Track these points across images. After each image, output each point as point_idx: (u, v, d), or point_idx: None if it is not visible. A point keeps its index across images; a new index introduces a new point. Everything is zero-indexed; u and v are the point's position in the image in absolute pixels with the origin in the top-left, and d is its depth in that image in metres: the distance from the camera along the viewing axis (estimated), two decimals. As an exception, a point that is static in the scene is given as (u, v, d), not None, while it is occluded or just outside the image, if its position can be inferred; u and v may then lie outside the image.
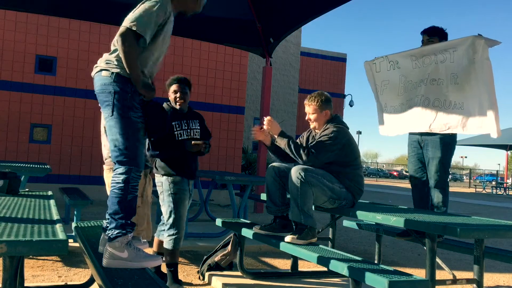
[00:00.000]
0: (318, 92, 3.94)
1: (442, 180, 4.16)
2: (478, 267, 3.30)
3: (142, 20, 2.65)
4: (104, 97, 2.69)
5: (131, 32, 2.63)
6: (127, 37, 2.63)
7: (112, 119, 2.66)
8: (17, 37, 10.37)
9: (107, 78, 2.68)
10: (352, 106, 27.77)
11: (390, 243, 6.75)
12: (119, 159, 2.66)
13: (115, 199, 2.64)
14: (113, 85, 2.67)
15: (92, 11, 7.87)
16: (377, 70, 4.79)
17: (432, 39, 4.31)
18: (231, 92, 12.16)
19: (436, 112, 4.16)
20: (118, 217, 2.63)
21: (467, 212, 12.13)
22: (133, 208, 2.70)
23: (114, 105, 2.65)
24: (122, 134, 2.65)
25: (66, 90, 10.70)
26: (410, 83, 4.44)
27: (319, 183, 3.54)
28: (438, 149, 4.15)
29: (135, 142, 2.69)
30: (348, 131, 3.85)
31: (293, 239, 3.45)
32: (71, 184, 9.71)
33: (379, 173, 58.32)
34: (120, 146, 2.65)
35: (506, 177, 36.77)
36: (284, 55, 19.89)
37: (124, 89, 2.68)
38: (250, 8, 8.27)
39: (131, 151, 2.66)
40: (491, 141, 25.63)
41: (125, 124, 2.66)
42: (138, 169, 2.70)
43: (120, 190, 2.63)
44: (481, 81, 3.81)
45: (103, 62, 2.75)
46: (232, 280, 4.16)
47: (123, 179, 2.64)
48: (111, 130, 2.68)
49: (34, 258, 4.71)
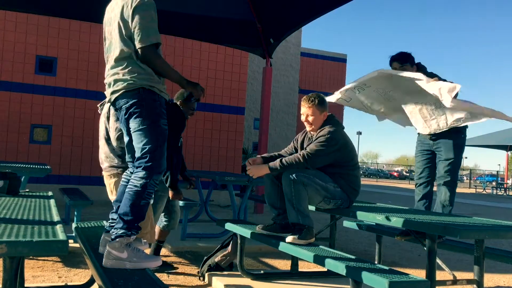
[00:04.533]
0: (314, 94, 3.90)
1: (452, 180, 4.20)
2: (479, 268, 3.30)
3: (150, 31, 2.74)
4: (134, 109, 2.76)
5: (151, 48, 2.74)
6: (150, 53, 2.74)
7: (144, 128, 2.72)
8: (17, 37, 10.37)
9: (134, 94, 2.75)
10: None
11: (390, 244, 6.75)
12: (144, 165, 2.70)
13: (129, 201, 2.67)
14: (142, 97, 2.75)
15: (92, 12, 7.88)
16: (347, 100, 4.53)
17: (404, 66, 4.21)
18: (231, 93, 12.15)
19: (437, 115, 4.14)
20: (127, 219, 2.66)
21: (468, 212, 12.13)
22: (143, 213, 2.74)
23: (146, 115, 2.73)
24: (153, 142, 2.71)
25: (66, 91, 10.70)
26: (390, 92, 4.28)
27: (312, 183, 3.54)
28: (451, 151, 4.17)
29: (163, 150, 2.77)
30: (344, 131, 3.83)
31: (294, 239, 3.46)
32: (71, 185, 9.71)
33: (379, 173, 58.31)
34: (149, 154, 2.70)
35: (506, 178, 36.75)
36: (284, 56, 19.89)
37: (153, 98, 2.77)
38: (250, 9, 8.27)
39: (158, 159, 2.73)
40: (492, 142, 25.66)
41: (157, 132, 2.74)
42: (158, 177, 2.75)
43: (135, 194, 2.67)
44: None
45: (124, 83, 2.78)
46: (232, 280, 4.16)
47: (142, 184, 2.67)
48: (139, 139, 2.73)
49: (34, 259, 4.71)
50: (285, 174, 3.54)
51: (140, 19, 2.73)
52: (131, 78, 2.76)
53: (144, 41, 2.71)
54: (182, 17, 8.10)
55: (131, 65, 2.78)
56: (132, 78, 2.76)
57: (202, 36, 9.46)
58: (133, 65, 2.79)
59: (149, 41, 2.71)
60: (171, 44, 11.17)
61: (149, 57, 2.74)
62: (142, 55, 2.73)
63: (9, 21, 10.27)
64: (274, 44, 8.89)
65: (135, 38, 2.74)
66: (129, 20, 2.76)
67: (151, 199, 2.77)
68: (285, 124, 19.93)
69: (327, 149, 3.62)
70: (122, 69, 2.80)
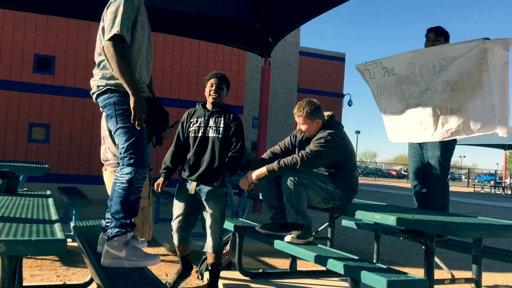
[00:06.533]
0: (306, 101, 3.80)
1: (441, 180, 4.16)
2: (477, 267, 3.30)
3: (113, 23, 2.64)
4: (107, 110, 2.75)
5: (111, 41, 2.62)
6: (108, 48, 2.63)
7: (120, 128, 2.71)
8: (15, 36, 10.35)
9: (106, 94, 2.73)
10: (351, 105, 27.82)
11: (389, 243, 6.76)
12: (127, 162, 2.70)
13: (118, 199, 2.66)
14: (111, 97, 2.72)
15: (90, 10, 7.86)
16: (372, 77, 4.66)
17: (438, 38, 4.29)
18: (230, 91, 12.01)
19: (436, 121, 4.12)
20: (119, 217, 2.65)
21: (466, 211, 12.15)
22: (134, 209, 2.72)
23: (117, 116, 2.70)
24: (131, 139, 2.69)
25: (64, 90, 10.69)
26: (408, 91, 4.33)
27: (312, 184, 3.54)
28: (437, 149, 4.15)
29: (142, 146, 2.74)
30: (344, 132, 3.80)
31: (293, 238, 3.47)
32: (69, 184, 9.70)
33: (377, 172, 58.33)
34: (129, 151, 2.69)
35: (505, 177, 36.83)
36: (283, 55, 19.89)
37: (122, 96, 2.71)
38: (249, 8, 8.27)
39: (139, 154, 2.71)
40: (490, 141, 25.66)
41: (131, 131, 2.69)
42: (143, 171, 2.74)
43: (123, 190, 2.66)
44: (487, 85, 3.74)
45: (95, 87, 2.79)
46: (231, 279, 4.16)
47: (128, 179, 2.67)
48: (119, 139, 2.73)
49: (33, 258, 4.70)
50: (285, 176, 3.53)
51: (108, 14, 2.69)
52: (99, 80, 2.77)
53: (106, 35, 2.64)
54: (180, 16, 8.09)
55: (102, 65, 2.77)
56: (100, 79, 2.76)
57: (201, 35, 9.44)
58: (103, 64, 2.77)
59: (109, 34, 2.62)
60: (169, 43, 11.17)
61: (106, 52, 2.63)
62: (104, 47, 2.66)
63: (7, 19, 10.25)
64: (272, 43, 8.88)
65: (103, 33, 2.70)
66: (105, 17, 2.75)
67: (140, 193, 2.75)
68: (283, 123, 19.94)
69: (327, 151, 3.58)
70: (96, 69, 2.82)
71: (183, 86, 11.76)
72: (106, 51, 2.64)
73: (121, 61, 2.63)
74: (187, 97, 11.64)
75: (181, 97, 11.71)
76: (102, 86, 2.74)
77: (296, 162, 3.51)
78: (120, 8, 2.66)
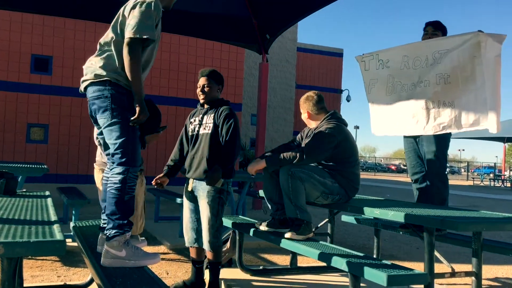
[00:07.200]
0: (308, 95, 3.92)
1: (440, 174, 4.16)
2: (477, 260, 3.30)
3: (144, 25, 2.63)
4: (100, 102, 2.69)
5: (137, 41, 2.62)
6: (133, 47, 2.61)
7: (113, 123, 2.66)
8: (12, 36, 10.33)
9: (102, 86, 2.68)
10: (349, 101, 27.76)
11: (389, 237, 6.77)
12: (119, 160, 2.66)
13: (112, 200, 2.64)
14: (108, 89, 2.67)
15: (87, 10, 7.84)
16: (366, 68, 4.70)
17: (436, 32, 4.30)
18: (228, 89, 12.13)
19: (428, 114, 4.13)
20: (115, 218, 2.64)
21: (465, 204, 12.17)
22: (130, 208, 2.70)
23: (112, 110, 2.66)
24: (124, 136, 2.65)
25: (62, 90, 10.67)
26: (399, 84, 4.35)
27: (310, 178, 3.54)
28: (432, 143, 4.15)
29: (134, 143, 2.71)
30: (345, 127, 3.81)
31: (292, 235, 3.47)
32: (68, 184, 9.70)
33: (377, 167, 58.41)
34: (120, 149, 2.66)
35: (504, 170, 36.87)
36: (281, 51, 19.87)
37: (119, 91, 2.68)
38: (246, 5, 8.25)
39: (130, 152, 2.68)
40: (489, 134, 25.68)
41: (125, 129, 2.66)
42: (135, 169, 2.71)
43: (117, 190, 2.64)
44: (480, 78, 3.75)
45: (92, 74, 2.72)
46: (231, 276, 4.17)
47: (121, 179, 2.64)
48: (110, 134, 2.68)
49: (33, 258, 4.70)
50: (282, 169, 3.55)
51: (139, 13, 2.66)
52: (99, 68, 2.70)
53: (135, 32, 2.61)
54: (177, 13, 8.07)
55: (107, 55, 2.72)
56: (100, 68, 2.70)
57: (198, 33, 9.43)
58: (109, 54, 2.73)
59: (140, 34, 2.61)
60: (167, 40, 11.13)
61: (129, 49, 2.61)
62: (127, 43, 2.62)
63: (3, 20, 10.22)
64: (270, 39, 8.87)
65: (127, 28, 2.65)
66: (128, 12, 2.71)
67: (134, 192, 2.73)
68: (282, 119, 19.93)
69: (324, 145, 3.61)
70: (96, 56, 2.76)
71: (180, 84, 11.74)
72: (127, 47, 2.61)
73: (139, 66, 2.64)
74: (185, 95, 11.62)
75: (179, 95, 11.69)
76: (101, 75, 2.68)
77: (295, 156, 3.55)
78: (152, 13, 2.67)
